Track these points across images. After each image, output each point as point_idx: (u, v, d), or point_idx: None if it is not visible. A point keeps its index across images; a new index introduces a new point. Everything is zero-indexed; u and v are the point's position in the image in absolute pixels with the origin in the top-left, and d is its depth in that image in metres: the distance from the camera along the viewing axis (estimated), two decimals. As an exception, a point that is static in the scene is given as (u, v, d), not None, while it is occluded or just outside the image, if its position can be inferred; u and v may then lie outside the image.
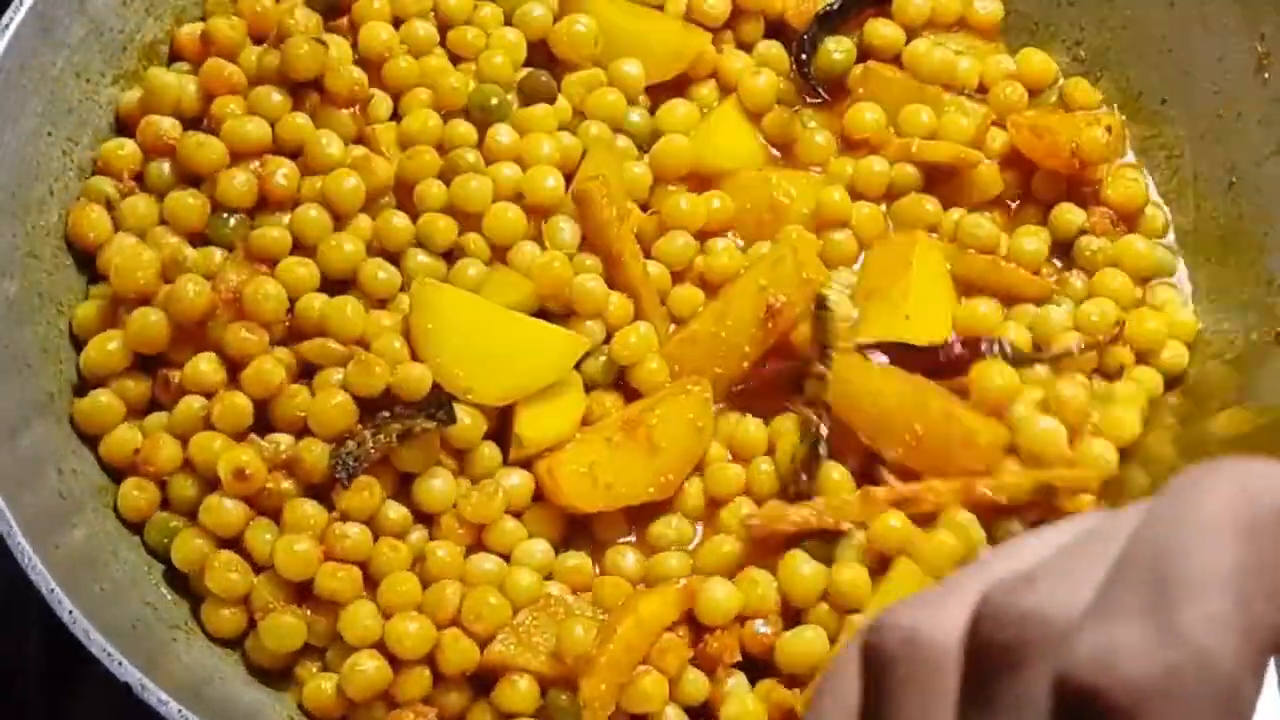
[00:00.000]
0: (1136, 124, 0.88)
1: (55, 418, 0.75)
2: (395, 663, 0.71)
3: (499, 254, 0.79)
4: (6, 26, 0.76)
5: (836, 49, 0.87)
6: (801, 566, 0.72)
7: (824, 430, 0.74)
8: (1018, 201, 0.86)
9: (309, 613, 0.72)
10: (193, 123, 0.81)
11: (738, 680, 0.71)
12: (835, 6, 0.88)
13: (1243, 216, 0.84)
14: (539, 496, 0.75)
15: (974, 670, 0.32)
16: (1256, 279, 0.82)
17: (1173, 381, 0.81)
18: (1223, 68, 0.85)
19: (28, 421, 0.73)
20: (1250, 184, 0.84)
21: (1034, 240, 0.83)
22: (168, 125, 0.80)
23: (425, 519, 0.74)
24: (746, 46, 0.90)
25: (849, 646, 0.36)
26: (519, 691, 0.69)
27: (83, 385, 0.77)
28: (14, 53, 0.76)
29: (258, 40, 0.83)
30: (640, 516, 0.76)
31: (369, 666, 0.70)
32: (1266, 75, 0.83)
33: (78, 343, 0.78)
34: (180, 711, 0.62)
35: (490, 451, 0.75)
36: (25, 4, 0.77)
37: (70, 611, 0.64)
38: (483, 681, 0.71)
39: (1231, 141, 0.85)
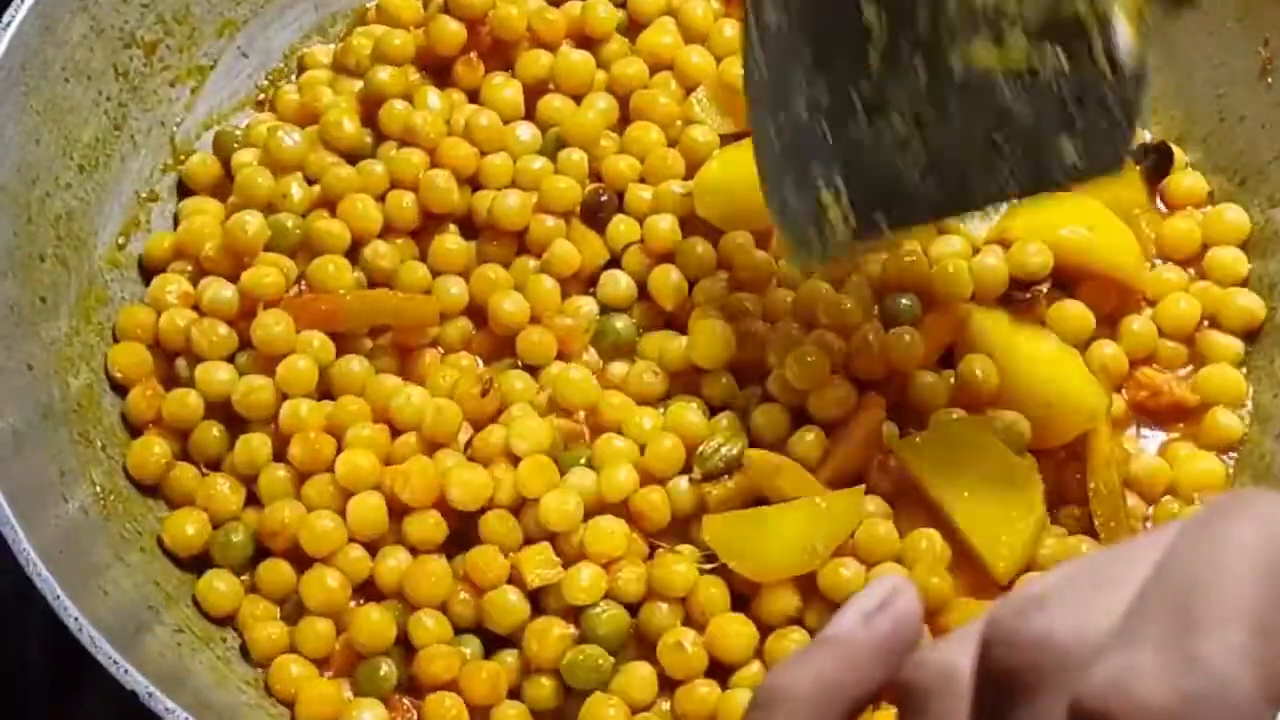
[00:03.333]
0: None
1: (59, 420, 0.75)
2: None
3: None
4: (8, 25, 0.75)
5: None
6: None
7: None
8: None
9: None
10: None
11: None
12: None
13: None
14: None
15: (985, 697, 0.32)
16: (1259, 284, 0.82)
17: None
18: (1226, 72, 0.85)
19: (31, 425, 0.73)
20: (1255, 189, 0.84)
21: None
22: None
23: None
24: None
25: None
26: None
27: (85, 386, 0.77)
28: (15, 51, 0.76)
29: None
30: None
31: None
32: (1269, 80, 0.83)
33: (80, 344, 0.77)
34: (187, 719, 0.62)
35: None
36: (26, 2, 0.76)
37: (75, 619, 0.64)
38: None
39: (1235, 146, 0.85)
